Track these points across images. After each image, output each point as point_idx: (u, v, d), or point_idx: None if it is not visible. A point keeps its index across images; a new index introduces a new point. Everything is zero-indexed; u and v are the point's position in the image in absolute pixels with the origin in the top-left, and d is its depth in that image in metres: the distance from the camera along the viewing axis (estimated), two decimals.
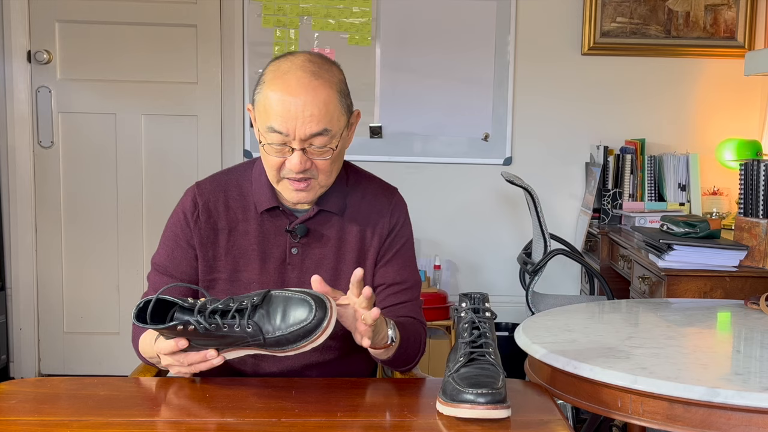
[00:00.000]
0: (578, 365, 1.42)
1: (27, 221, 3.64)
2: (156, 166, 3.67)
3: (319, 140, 1.44)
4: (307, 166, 1.46)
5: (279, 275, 1.55)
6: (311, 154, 1.46)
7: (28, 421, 1.24)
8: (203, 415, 1.27)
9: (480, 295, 1.39)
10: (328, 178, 1.51)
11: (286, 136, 1.43)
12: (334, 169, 1.52)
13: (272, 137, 1.44)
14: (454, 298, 3.46)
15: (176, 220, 1.58)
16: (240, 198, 1.58)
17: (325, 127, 1.44)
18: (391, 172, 1.71)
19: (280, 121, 1.42)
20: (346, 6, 3.59)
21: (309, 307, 1.25)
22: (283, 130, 1.43)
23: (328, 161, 1.47)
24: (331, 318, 1.25)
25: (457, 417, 1.22)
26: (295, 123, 1.42)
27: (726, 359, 1.55)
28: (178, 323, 1.25)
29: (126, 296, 3.68)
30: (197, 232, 1.55)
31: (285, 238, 1.56)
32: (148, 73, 3.62)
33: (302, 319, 1.25)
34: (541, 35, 3.63)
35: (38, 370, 3.72)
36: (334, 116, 1.45)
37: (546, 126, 3.66)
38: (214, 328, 1.25)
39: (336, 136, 1.47)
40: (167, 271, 1.56)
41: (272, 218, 1.57)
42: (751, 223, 2.42)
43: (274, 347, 1.28)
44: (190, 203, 1.57)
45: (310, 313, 1.24)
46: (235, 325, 1.26)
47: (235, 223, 1.57)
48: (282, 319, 1.25)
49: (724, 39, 3.58)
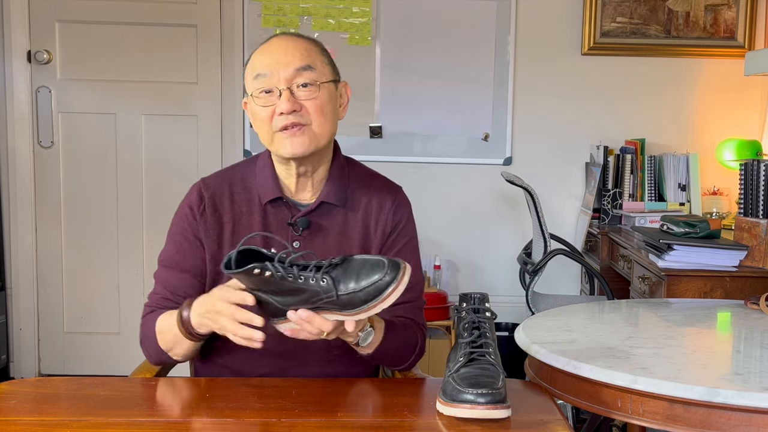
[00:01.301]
0: (578, 365, 1.41)
1: (27, 221, 3.64)
2: (156, 166, 3.67)
3: (304, 77, 1.49)
4: (296, 107, 1.48)
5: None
6: (298, 96, 1.49)
7: (28, 421, 1.24)
8: (203, 415, 1.27)
9: (480, 295, 1.39)
10: (322, 125, 1.51)
11: (271, 77, 1.48)
12: (328, 119, 1.53)
13: (259, 83, 1.50)
14: (454, 298, 3.46)
15: (183, 214, 1.58)
16: (244, 191, 1.59)
17: (308, 63, 1.50)
18: (391, 172, 1.71)
19: (265, 65, 1.50)
20: (346, 6, 3.59)
21: (382, 267, 1.25)
22: (268, 71, 1.49)
23: (316, 103, 1.50)
24: (402, 278, 1.25)
25: (457, 417, 1.22)
26: (278, 63, 1.48)
27: (726, 359, 1.55)
28: (257, 267, 1.26)
29: (126, 296, 3.68)
30: (203, 225, 1.56)
31: (287, 231, 1.56)
32: (148, 73, 3.62)
33: (375, 279, 1.25)
34: (541, 35, 3.63)
35: (38, 370, 3.72)
36: (317, 60, 1.51)
37: (546, 126, 3.66)
38: (291, 278, 1.26)
39: (321, 77, 1.51)
40: (178, 265, 1.56)
41: (275, 210, 1.57)
42: (751, 223, 2.42)
43: (345, 307, 1.27)
44: (196, 197, 1.58)
45: (382, 273, 1.25)
46: (310, 278, 1.26)
47: (240, 216, 1.57)
48: (356, 279, 1.26)
49: (724, 39, 3.58)
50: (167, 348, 1.51)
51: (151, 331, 1.53)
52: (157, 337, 1.52)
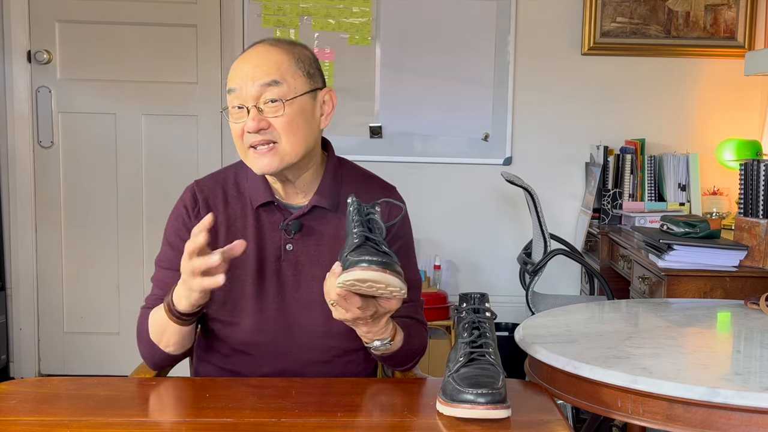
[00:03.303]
0: (578, 365, 1.41)
1: (27, 221, 3.64)
2: (156, 166, 3.67)
3: (270, 92, 1.46)
4: (263, 125, 1.46)
5: (274, 271, 1.55)
6: (266, 113, 1.47)
7: (28, 421, 1.24)
8: (203, 415, 1.27)
9: (480, 295, 1.39)
10: (293, 143, 1.48)
11: (240, 93, 1.47)
12: (299, 135, 1.49)
13: (231, 97, 1.49)
14: (454, 298, 3.46)
15: (177, 214, 1.58)
16: (237, 194, 1.59)
17: (274, 79, 1.47)
18: (391, 172, 1.71)
19: (235, 80, 1.49)
20: (346, 6, 3.59)
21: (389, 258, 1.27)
22: (237, 86, 1.48)
23: (284, 120, 1.47)
24: (387, 276, 1.25)
25: (457, 417, 1.22)
26: (246, 78, 1.47)
27: (726, 359, 1.55)
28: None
29: (126, 296, 3.68)
30: (197, 224, 1.55)
31: (280, 235, 1.56)
32: (148, 73, 3.62)
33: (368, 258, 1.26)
34: (541, 35, 3.63)
35: (38, 370, 3.72)
36: (287, 73, 1.48)
37: (546, 126, 3.67)
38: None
39: (290, 92, 1.47)
40: (174, 265, 1.54)
41: (268, 214, 1.57)
42: (751, 223, 2.42)
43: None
44: (191, 198, 1.58)
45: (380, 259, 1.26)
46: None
47: (233, 219, 1.57)
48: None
49: (724, 39, 3.58)
50: (157, 339, 1.49)
51: (144, 325, 1.53)
52: (149, 329, 1.51)
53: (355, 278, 1.23)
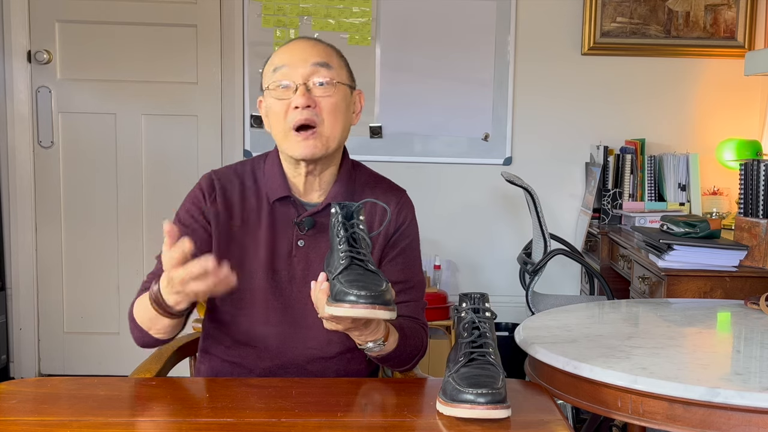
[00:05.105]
0: (578, 365, 1.42)
1: (27, 221, 3.64)
2: (156, 166, 3.67)
3: (320, 74, 1.50)
4: (311, 104, 1.49)
5: (285, 266, 1.56)
6: (314, 93, 1.50)
7: (28, 421, 1.24)
8: (203, 415, 1.27)
9: (480, 295, 1.39)
10: (333, 128, 1.52)
11: (289, 71, 1.50)
12: (339, 122, 1.53)
13: (277, 75, 1.51)
14: (454, 298, 3.46)
15: (194, 197, 1.58)
16: (254, 187, 1.60)
17: (326, 61, 1.52)
18: (391, 172, 1.71)
19: (284, 59, 1.52)
20: (346, 6, 3.59)
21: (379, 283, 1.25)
22: (286, 63, 1.51)
23: (331, 102, 1.51)
24: (374, 310, 1.22)
25: (457, 417, 1.22)
26: (297, 58, 1.51)
27: (726, 359, 1.55)
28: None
29: (126, 296, 3.68)
30: (213, 211, 1.56)
31: (293, 230, 1.57)
32: (148, 73, 3.62)
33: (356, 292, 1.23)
34: (541, 35, 3.63)
35: (38, 370, 3.72)
36: (334, 61, 1.54)
37: (546, 126, 3.66)
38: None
39: (338, 76, 1.53)
40: None
41: (282, 209, 1.58)
42: (751, 223, 2.42)
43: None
44: (209, 185, 1.59)
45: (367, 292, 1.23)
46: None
47: (248, 212, 1.58)
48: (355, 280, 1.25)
49: (724, 39, 3.58)
50: (147, 327, 1.48)
51: (132, 317, 1.53)
52: (137, 317, 1.51)
53: (342, 314, 1.23)
